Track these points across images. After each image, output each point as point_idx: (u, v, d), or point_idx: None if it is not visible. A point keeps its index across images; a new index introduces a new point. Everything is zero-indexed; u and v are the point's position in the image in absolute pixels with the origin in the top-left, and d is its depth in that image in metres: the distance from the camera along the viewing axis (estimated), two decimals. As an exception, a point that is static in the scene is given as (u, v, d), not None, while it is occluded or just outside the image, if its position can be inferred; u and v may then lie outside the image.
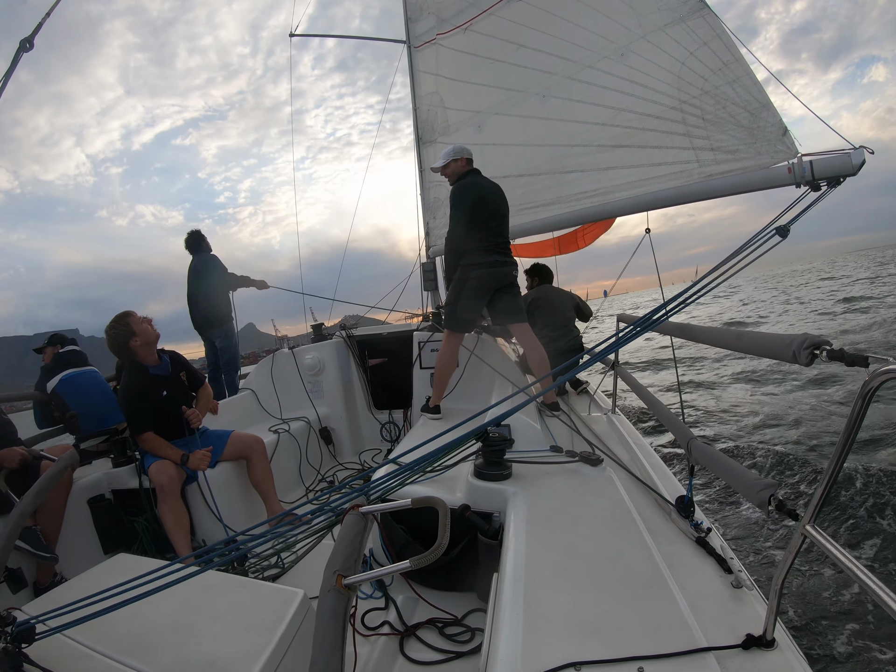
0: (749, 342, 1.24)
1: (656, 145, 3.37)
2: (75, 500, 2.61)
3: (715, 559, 1.37)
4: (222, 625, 1.33)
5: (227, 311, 4.93)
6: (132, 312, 2.81)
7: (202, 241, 4.95)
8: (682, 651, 0.99)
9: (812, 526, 0.90)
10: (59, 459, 1.88)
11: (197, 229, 5.02)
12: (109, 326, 2.75)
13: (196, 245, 4.93)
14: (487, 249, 3.07)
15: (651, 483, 1.91)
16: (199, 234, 4.97)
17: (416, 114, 5.17)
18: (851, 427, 0.82)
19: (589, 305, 4.37)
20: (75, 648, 1.26)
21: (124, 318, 2.76)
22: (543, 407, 3.08)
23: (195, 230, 5.00)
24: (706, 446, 1.48)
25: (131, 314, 2.80)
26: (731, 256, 1.72)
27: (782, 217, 1.94)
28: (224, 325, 4.92)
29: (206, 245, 4.97)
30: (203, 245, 4.94)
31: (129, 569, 1.49)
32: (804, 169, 2.54)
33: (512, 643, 1.06)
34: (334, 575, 0.98)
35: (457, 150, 3.23)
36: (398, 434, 4.35)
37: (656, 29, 3.35)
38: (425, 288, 5.12)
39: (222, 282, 4.86)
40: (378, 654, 1.70)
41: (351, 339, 4.58)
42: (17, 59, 1.77)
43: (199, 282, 4.81)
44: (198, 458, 2.72)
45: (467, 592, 1.97)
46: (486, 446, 1.93)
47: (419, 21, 5.12)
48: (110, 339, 2.74)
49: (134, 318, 2.78)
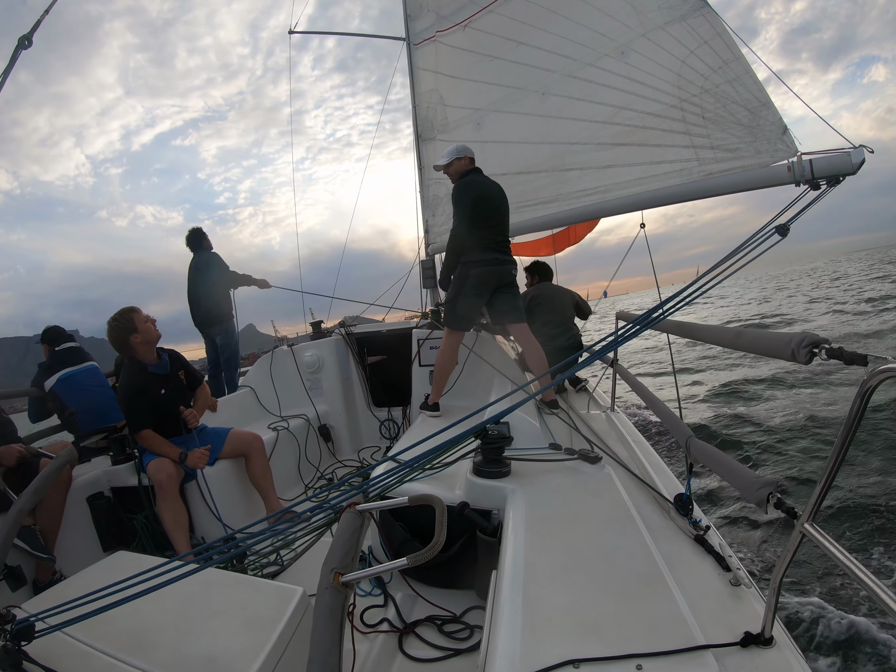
0: (748, 340, 1.23)
1: (656, 143, 3.37)
2: (74, 497, 2.61)
3: (714, 557, 1.37)
4: (221, 622, 1.33)
5: (228, 309, 4.93)
6: (137, 309, 2.83)
7: (203, 238, 4.94)
8: (681, 649, 0.99)
9: (811, 524, 0.90)
10: (57, 456, 1.87)
11: (198, 227, 5.02)
12: (112, 319, 2.76)
13: (197, 243, 4.92)
14: (487, 247, 3.08)
15: (650, 481, 1.91)
16: (201, 232, 4.96)
17: (416, 111, 5.16)
18: (850, 425, 0.82)
19: (588, 304, 4.37)
20: (75, 646, 1.26)
21: (128, 313, 2.77)
22: (542, 405, 3.09)
23: (196, 228, 4.99)
24: (705, 444, 1.49)
25: (136, 310, 2.80)
26: (731, 255, 1.72)
27: (782, 216, 1.94)
28: (224, 323, 4.92)
29: (207, 243, 4.96)
30: (204, 243, 4.94)
31: (129, 566, 1.49)
32: (804, 168, 2.54)
33: (511, 641, 1.06)
34: (331, 573, 0.98)
35: (460, 149, 3.23)
36: (397, 431, 4.35)
37: (657, 27, 3.34)
38: (424, 285, 5.12)
39: (223, 279, 4.85)
40: (377, 651, 1.70)
41: (350, 337, 4.58)
42: (16, 57, 1.76)
43: (199, 279, 4.80)
44: (196, 456, 2.72)
45: (466, 590, 1.97)
46: (485, 444, 1.93)
47: (419, 18, 5.10)
48: (111, 332, 2.75)
49: (138, 315, 2.79)
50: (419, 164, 5.19)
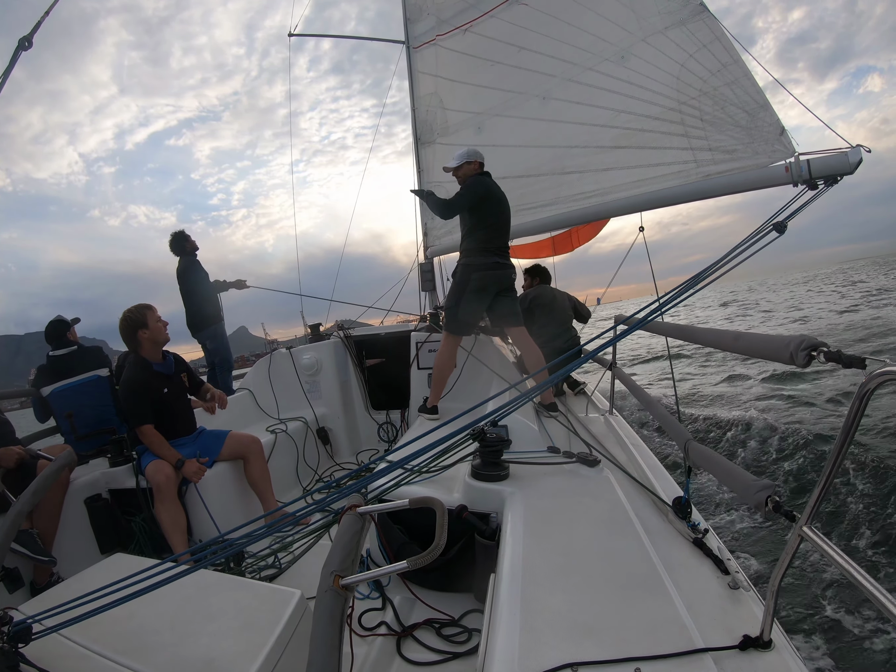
0: (746, 343, 1.24)
1: (655, 146, 3.38)
2: (72, 499, 2.61)
3: (712, 560, 1.37)
4: (219, 625, 1.32)
5: (214, 313, 4.89)
6: (153, 307, 2.89)
7: (185, 242, 4.85)
8: (680, 652, 0.99)
9: (809, 527, 0.90)
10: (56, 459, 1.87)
11: (180, 230, 4.89)
12: (127, 310, 2.82)
13: (179, 247, 4.85)
14: (488, 250, 3.09)
15: (648, 484, 1.91)
16: (182, 236, 4.87)
17: (415, 114, 5.17)
18: (849, 428, 0.82)
19: (587, 307, 4.37)
20: (72, 648, 1.26)
21: (143, 309, 2.83)
22: (541, 408, 3.08)
23: (178, 231, 4.89)
24: (703, 447, 1.49)
25: (151, 308, 2.87)
26: (731, 252, 1.73)
27: (779, 214, 1.95)
28: (210, 327, 4.88)
29: (189, 246, 4.86)
30: (187, 247, 4.85)
31: (126, 568, 1.49)
32: (801, 168, 2.55)
33: (509, 644, 1.06)
34: (332, 575, 0.98)
35: (471, 153, 3.23)
36: (395, 434, 4.35)
37: (656, 32, 3.36)
38: (423, 288, 5.12)
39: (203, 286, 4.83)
40: (375, 654, 1.69)
41: (349, 340, 4.58)
42: (16, 58, 1.76)
43: (181, 285, 4.80)
44: (192, 469, 2.69)
45: (464, 593, 1.97)
46: (483, 447, 1.93)
47: (418, 22, 5.11)
48: (122, 322, 2.80)
49: (152, 313, 2.85)
50: (418, 168, 5.20)
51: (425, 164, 5.09)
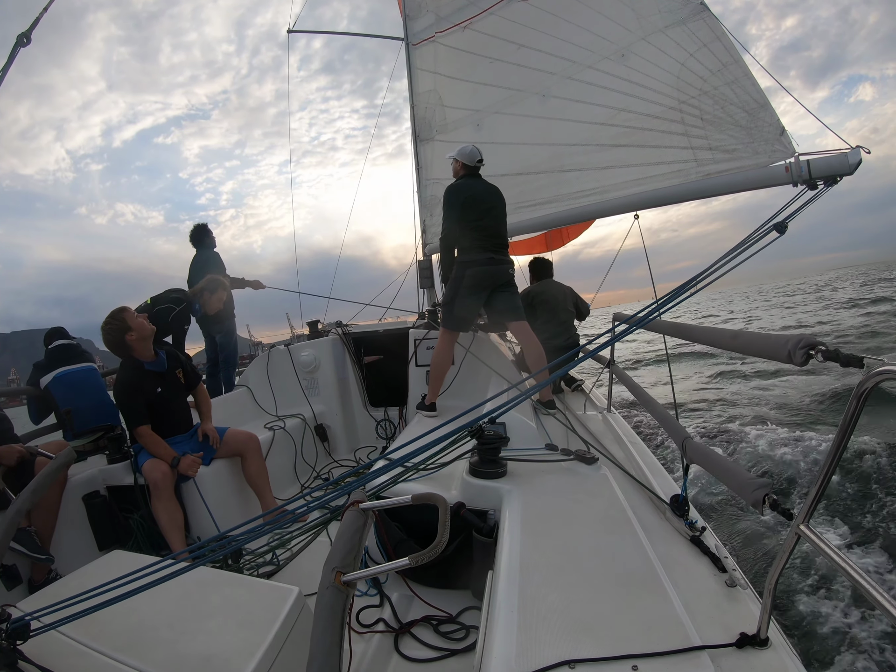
0: (744, 342, 1.24)
1: (655, 145, 3.38)
2: (70, 496, 2.60)
3: (709, 558, 1.37)
4: (217, 622, 1.32)
5: (230, 309, 4.91)
6: (127, 307, 2.82)
7: (206, 236, 4.93)
8: (677, 650, 0.99)
9: (806, 525, 0.90)
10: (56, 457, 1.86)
11: (203, 223, 5.00)
12: (105, 322, 2.74)
13: (200, 239, 4.91)
14: (482, 247, 3.08)
15: (646, 482, 1.91)
16: (205, 229, 4.94)
17: (414, 111, 5.16)
18: (846, 427, 0.82)
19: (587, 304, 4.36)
20: (70, 645, 1.26)
21: (119, 313, 2.75)
22: (539, 405, 3.08)
23: (201, 224, 4.96)
24: (701, 445, 1.49)
25: (126, 309, 2.80)
26: (731, 252, 1.72)
27: (779, 214, 1.95)
28: (225, 322, 4.90)
29: (209, 241, 4.94)
30: (207, 241, 4.92)
31: (124, 565, 1.49)
32: (801, 168, 2.55)
33: (506, 641, 1.06)
34: (333, 572, 0.97)
35: (461, 153, 3.24)
36: (394, 431, 4.35)
37: (657, 31, 3.36)
38: (421, 285, 5.12)
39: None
40: (373, 651, 1.70)
41: (347, 337, 4.57)
42: (14, 55, 1.75)
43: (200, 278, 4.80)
44: (187, 463, 2.68)
45: (462, 590, 1.97)
46: (481, 444, 1.93)
47: (417, 19, 5.10)
48: (106, 335, 2.72)
49: (129, 313, 2.79)
50: (417, 165, 5.19)
51: (424, 161, 5.08)
